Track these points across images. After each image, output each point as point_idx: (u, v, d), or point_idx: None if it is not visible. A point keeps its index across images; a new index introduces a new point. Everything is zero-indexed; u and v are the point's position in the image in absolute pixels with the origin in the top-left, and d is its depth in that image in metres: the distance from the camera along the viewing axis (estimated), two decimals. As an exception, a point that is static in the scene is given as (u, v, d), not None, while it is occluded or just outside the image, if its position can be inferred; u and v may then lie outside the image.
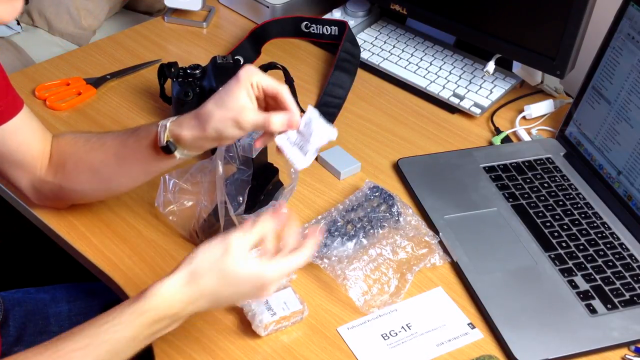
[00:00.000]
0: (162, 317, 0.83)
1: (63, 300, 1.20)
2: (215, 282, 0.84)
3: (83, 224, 1.12)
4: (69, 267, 1.24)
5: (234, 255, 0.84)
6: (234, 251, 0.84)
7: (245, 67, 0.95)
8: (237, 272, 0.84)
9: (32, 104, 1.34)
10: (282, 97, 0.93)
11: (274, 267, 0.85)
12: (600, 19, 1.25)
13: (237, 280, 0.84)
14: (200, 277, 0.83)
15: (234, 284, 0.85)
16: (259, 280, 0.85)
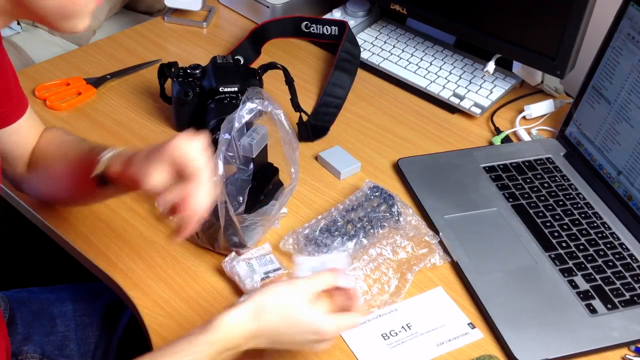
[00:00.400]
0: (228, 347, 0.84)
1: (67, 300, 1.20)
2: (279, 321, 0.85)
3: (83, 223, 1.12)
4: (70, 268, 1.24)
5: (301, 298, 0.85)
6: (302, 294, 0.86)
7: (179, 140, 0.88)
8: (301, 315, 0.85)
9: (32, 104, 1.33)
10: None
11: (334, 321, 0.87)
12: (600, 19, 1.25)
13: (299, 323, 0.86)
14: (265, 313, 0.85)
15: (295, 326, 0.86)
16: (319, 329, 0.86)
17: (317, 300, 0.87)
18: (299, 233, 1.09)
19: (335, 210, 1.13)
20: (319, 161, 1.26)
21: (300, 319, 0.86)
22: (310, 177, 1.23)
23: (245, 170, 1.04)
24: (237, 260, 1.04)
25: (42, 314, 1.17)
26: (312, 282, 0.87)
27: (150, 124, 1.32)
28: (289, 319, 0.85)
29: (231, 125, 0.98)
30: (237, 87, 1.24)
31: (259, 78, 1.29)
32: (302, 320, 0.86)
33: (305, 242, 1.07)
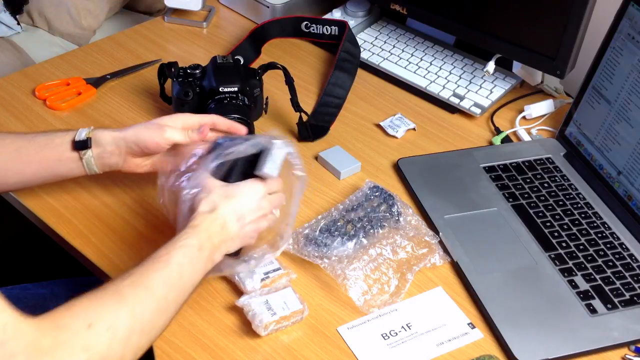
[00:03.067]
0: (213, 231, 0.92)
1: (63, 295, 1.19)
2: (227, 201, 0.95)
3: (82, 223, 1.12)
4: (64, 263, 1.24)
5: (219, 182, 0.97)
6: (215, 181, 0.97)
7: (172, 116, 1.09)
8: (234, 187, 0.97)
9: (32, 104, 1.34)
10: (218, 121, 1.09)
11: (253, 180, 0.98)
12: (600, 19, 1.26)
13: (240, 192, 0.96)
14: (215, 201, 0.94)
15: (240, 197, 0.96)
16: (252, 188, 0.97)
17: None
18: (299, 233, 1.09)
19: (335, 210, 1.13)
20: (319, 161, 1.26)
21: (235, 188, 0.96)
22: (310, 177, 1.22)
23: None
24: (237, 261, 1.04)
25: (37, 309, 1.16)
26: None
27: (150, 124, 1.32)
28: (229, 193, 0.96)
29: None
30: (237, 87, 1.24)
31: (259, 78, 1.29)
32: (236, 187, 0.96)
33: (305, 242, 1.07)
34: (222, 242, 0.94)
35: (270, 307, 0.98)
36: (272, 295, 0.99)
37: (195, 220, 0.93)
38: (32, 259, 1.63)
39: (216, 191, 0.96)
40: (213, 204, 0.94)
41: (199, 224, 0.92)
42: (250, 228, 0.97)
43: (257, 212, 0.97)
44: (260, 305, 0.98)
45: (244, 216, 0.96)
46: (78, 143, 1.04)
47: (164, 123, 1.06)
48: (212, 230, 0.93)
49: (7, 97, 1.35)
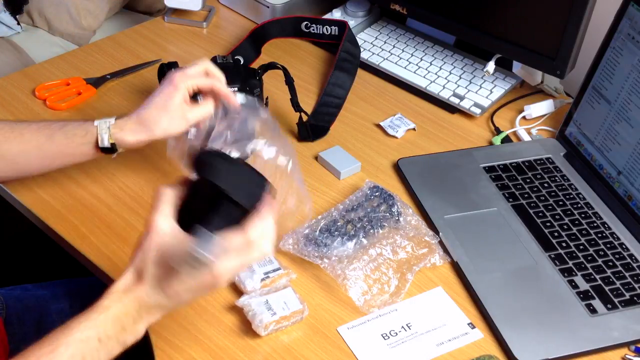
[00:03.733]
0: (123, 314, 0.81)
1: (63, 297, 1.20)
2: (156, 271, 0.80)
3: (83, 223, 1.12)
4: (64, 263, 1.24)
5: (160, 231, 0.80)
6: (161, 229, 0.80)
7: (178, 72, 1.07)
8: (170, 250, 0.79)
9: (32, 104, 1.34)
10: (217, 89, 1.08)
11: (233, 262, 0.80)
12: (600, 19, 1.25)
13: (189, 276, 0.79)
14: (141, 272, 0.80)
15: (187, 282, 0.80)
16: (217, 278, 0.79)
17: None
18: (298, 233, 1.09)
19: (335, 210, 1.13)
20: (319, 161, 1.26)
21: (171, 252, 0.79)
22: (310, 177, 1.23)
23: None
24: (237, 260, 1.04)
25: (37, 311, 1.17)
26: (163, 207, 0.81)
27: (150, 124, 1.32)
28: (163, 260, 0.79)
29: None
30: (237, 87, 1.24)
31: (258, 78, 1.29)
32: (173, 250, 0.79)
33: (305, 242, 1.07)
34: (140, 320, 0.82)
35: (270, 307, 0.98)
36: (272, 295, 0.99)
37: (105, 299, 0.80)
38: (32, 258, 1.63)
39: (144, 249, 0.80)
40: (137, 273, 0.80)
41: (107, 307, 0.80)
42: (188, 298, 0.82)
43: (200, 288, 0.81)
44: (260, 305, 0.98)
45: (178, 294, 0.81)
46: (105, 150, 1.07)
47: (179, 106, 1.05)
48: (122, 312, 0.80)
49: (7, 97, 1.35)
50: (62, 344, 0.78)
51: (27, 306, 1.17)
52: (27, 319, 1.15)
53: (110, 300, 0.81)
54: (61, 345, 0.78)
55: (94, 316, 0.80)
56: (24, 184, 1.17)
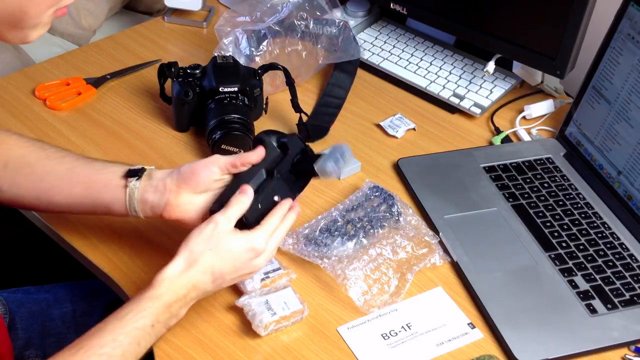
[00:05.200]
0: (174, 300, 0.88)
1: (66, 301, 1.19)
2: (212, 259, 0.89)
3: (83, 223, 1.12)
4: (65, 265, 1.24)
5: (223, 230, 0.90)
6: (223, 227, 0.90)
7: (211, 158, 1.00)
8: (229, 244, 0.90)
9: (32, 104, 1.34)
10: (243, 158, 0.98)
11: (260, 232, 0.92)
12: (600, 19, 1.25)
13: (231, 252, 0.90)
14: (197, 258, 0.89)
15: (228, 256, 0.90)
16: (250, 246, 0.91)
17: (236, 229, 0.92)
18: (299, 233, 1.09)
19: (335, 210, 1.13)
20: (319, 161, 1.26)
21: (229, 247, 0.90)
22: (310, 177, 1.23)
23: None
24: (237, 261, 1.04)
25: (41, 316, 1.17)
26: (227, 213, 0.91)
27: (150, 124, 1.32)
28: (219, 253, 0.90)
29: None
30: (237, 87, 1.24)
31: (259, 78, 1.29)
32: (232, 246, 0.90)
33: (305, 242, 1.07)
34: (185, 304, 0.90)
35: (270, 307, 0.98)
36: (272, 295, 0.99)
37: (157, 288, 0.87)
38: (34, 260, 1.63)
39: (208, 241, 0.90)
40: (192, 260, 0.89)
41: (160, 295, 0.87)
42: (229, 281, 0.93)
43: (242, 271, 0.93)
44: (260, 305, 0.98)
45: (223, 276, 0.91)
46: (130, 171, 0.99)
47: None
48: (174, 298, 0.88)
49: (7, 97, 1.35)
50: (121, 333, 0.84)
51: (30, 311, 1.17)
52: (31, 324, 1.15)
53: (163, 287, 0.88)
54: (121, 335, 0.84)
55: (148, 305, 0.86)
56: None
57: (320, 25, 1.51)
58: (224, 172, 0.97)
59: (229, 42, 1.36)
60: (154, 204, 0.98)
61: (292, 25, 1.38)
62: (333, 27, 1.48)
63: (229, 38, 1.36)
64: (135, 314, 0.86)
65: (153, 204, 0.98)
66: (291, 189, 0.99)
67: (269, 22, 1.37)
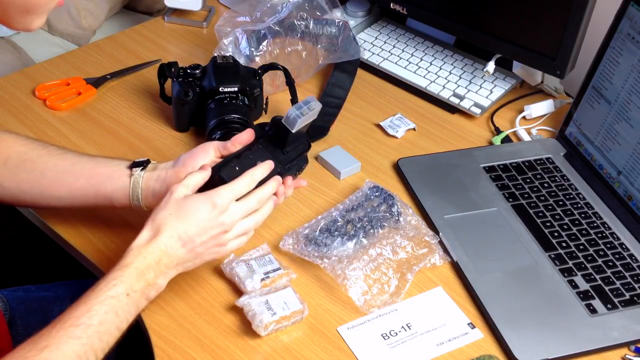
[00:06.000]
0: (145, 267, 0.89)
1: (66, 298, 1.20)
2: (174, 222, 0.91)
3: (83, 223, 1.12)
4: (65, 264, 1.24)
5: (179, 193, 0.92)
6: (179, 192, 0.92)
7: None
8: (188, 205, 0.91)
9: (32, 104, 1.34)
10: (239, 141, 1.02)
11: (223, 189, 0.93)
12: (600, 19, 1.25)
13: (190, 212, 0.91)
14: (159, 224, 0.91)
15: (190, 217, 0.91)
16: (211, 202, 0.91)
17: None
18: (298, 233, 1.09)
19: (335, 210, 1.13)
20: (319, 161, 1.26)
21: (189, 206, 0.91)
22: (310, 177, 1.23)
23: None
24: (237, 262, 1.04)
25: (41, 313, 1.17)
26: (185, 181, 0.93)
27: (150, 124, 1.32)
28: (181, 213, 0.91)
29: None
30: (237, 87, 1.24)
31: (259, 78, 1.29)
32: (191, 204, 0.91)
33: (305, 242, 1.07)
34: (160, 273, 0.91)
35: (270, 307, 0.98)
36: (272, 295, 0.99)
37: (126, 258, 0.89)
38: (34, 259, 1.63)
39: (167, 208, 0.91)
40: (156, 229, 0.91)
41: (129, 264, 0.88)
42: (204, 248, 0.93)
43: (210, 231, 0.92)
44: (260, 305, 0.98)
45: (192, 239, 0.91)
46: (136, 162, 1.02)
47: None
48: (145, 265, 0.89)
49: (7, 97, 1.35)
50: (95, 302, 0.85)
51: (30, 308, 1.17)
52: (31, 321, 1.15)
53: (131, 256, 0.89)
54: (95, 304, 0.85)
55: (119, 274, 0.87)
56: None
57: (320, 25, 1.51)
58: (218, 154, 1.01)
59: (229, 42, 1.36)
60: (156, 191, 1.00)
61: (292, 25, 1.38)
62: (333, 27, 1.48)
63: (229, 38, 1.36)
64: (107, 283, 0.87)
65: (155, 191, 1.00)
66: (283, 165, 1.02)
67: (269, 22, 1.37)
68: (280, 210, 1.16)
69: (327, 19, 1.46)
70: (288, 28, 1.38)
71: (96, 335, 0.84)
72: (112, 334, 0.86)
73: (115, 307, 0.86)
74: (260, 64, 1.33)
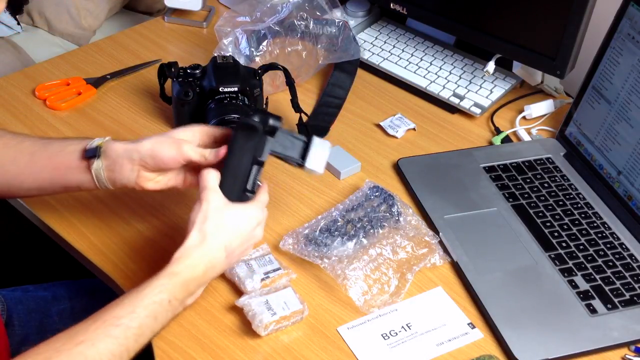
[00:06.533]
0: (191, 278, 0.90)
1: (65, 298, 1.20)
2: (223, 234, 0.92)
3: (83, 223, 1.12)
4: (64, 264, 1.24)
5: (216, 201, 0.93)
6: (214, 198, 0.93)
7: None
8: (234, 216, 0.93)
9: (32, 104, 1.34)
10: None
11: (255, 203, 0.96)
12: (600, 19, 1.25)
13: (237, 224, 0.93)
14: (206, 234, 0.91)
15: (236, 229, 0.93)
16: (251, 215, 0.95)
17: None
18: (299, 233, 1.09)
19: (335, 210, 1.13)
20: (319, 161, 1.26)
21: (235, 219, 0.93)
22: (310, 177, 1.23)
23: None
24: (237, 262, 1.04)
25: (39, 313, 1.17)
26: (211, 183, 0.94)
27: (150, 124, 1.32)
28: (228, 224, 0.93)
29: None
30: (237, 87, 1.24)
31: (259, 78, 1.29)
32: (237, 218, 0.93)
33: (305, 242, 1.07)
34: (202, 284, 0.93)
35: (270, 307, 0.98)
36: (272, 295, 0.99)
37: (175, 266, 0.90)
38: (33, 259, 1.63)
39: (211, 215, 0.92)
40: (203, 235, 0.91)
41: (178, 273, 0.89)
42: (236, 260, 0.97)
43: (248, 242, 0.96)
44: (260, 305, 0.98)
45: (233, 250, 0.94)
46: (88, 151, 0.99)
47: (180, 137, 0.98)
48: (191, 276, 0.90)
49: (7, 97, 1.35)
50: (139, 306, 0.86)
51: (28, 308, 1.17)
52: (29, 321, 1.15)
53: (180, 265, 0.90)
54: (138, 307, 0.86)
55: (166, 281, 0.88)
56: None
57: (320, 25, 1.51)
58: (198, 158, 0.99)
59: (228, 42, 1.36)
60: (124, 182, 1.00)
61: (292, 25, 1.38)
62: (333, 27, 1.48)
63: (228, 38, 1.36)
64: (153, 288, 0.88)
65: (122, 182, 1.00)
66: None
67: (269, 22, 1.37)
68: (280, 210, 1.17)
69: (327, 19, 1.46)
70: (288, 28, 1.38)
71: (133, 337, 0.85)
72: (147, 337, 0.87)
73: (156, 312, 0.87)
74: (260, 64, 1.33)
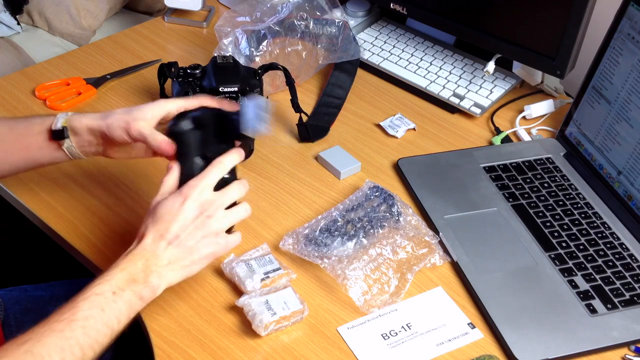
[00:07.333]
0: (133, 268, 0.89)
1: (63, 298, 1.19)
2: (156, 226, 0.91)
3: (83, 223, 1.12)
4: (63, 264, 1.24)
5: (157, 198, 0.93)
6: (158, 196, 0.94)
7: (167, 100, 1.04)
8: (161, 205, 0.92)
9: (32, 104, 1.34)
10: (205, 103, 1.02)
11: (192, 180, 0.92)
12: (600, 19, 1.26)
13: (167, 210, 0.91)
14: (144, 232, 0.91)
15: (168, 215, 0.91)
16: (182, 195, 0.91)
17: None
18: (298, 233, 1.09)
19: (335, 210, 1.13)
20: (319, 161, 1.26)
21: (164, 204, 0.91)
22: (310, 177, 1.23)
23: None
24: (237, 262, 1.04)
25: (36, 313, 1.17)
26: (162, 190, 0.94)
27: (150, 124, 1.32)
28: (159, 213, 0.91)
29: None
30: (237, 87, 1.24)
31: (258, 78, 1.29)
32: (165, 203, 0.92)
33: (305, 242, 1.07)
34: (151, 272, 0.89)
35: (270, 307, 0.98)
36: (272, 295, 0.99)
37: (116, 261, 0.90)
38: (31, 259, 1.63)
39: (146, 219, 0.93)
40: (140, 237, 0.92)
41: (115, 265, 0.89)
42: (194, 241, 0.91)
43: (193, 222, 0.91)
44: (260, 305, 0.98)
45: (177, 235, 0.91)
46: (55, 133, 1.01)
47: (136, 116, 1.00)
48: (132, 266, 0.89)
49: (7, 97, 1.35)
50: (80, 300, 0.86)
51: (26, 308, 1.17)
52: (26, 321, 1.15)
53: (119, 260, 0.90)
54: (80, 301, 0.86)
55: (105, 274, 0.88)
56: (25, 184, 1.17)
57: (320, 25, 1.51)
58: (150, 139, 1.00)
59: (228, 42, 1.36)
60: (94, 153, 1.04)
61: (292, 25, 1.38)
62: (333, 27, 1.48)
63: (228, 38, 1.36)
64: (93, 284, 0.87)
65: (93, 153, 1.04)
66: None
67: (269, 22, 1.37)
68: (280, 210, 1.17)
69: (327, 19, 1.46)
70: (288, 28, 1.38)
71: (81, 330, 0.84)
72: (100, 330, 0.85)
73: (101, 304, 0.86)
74: (260, 64, 1.33)
